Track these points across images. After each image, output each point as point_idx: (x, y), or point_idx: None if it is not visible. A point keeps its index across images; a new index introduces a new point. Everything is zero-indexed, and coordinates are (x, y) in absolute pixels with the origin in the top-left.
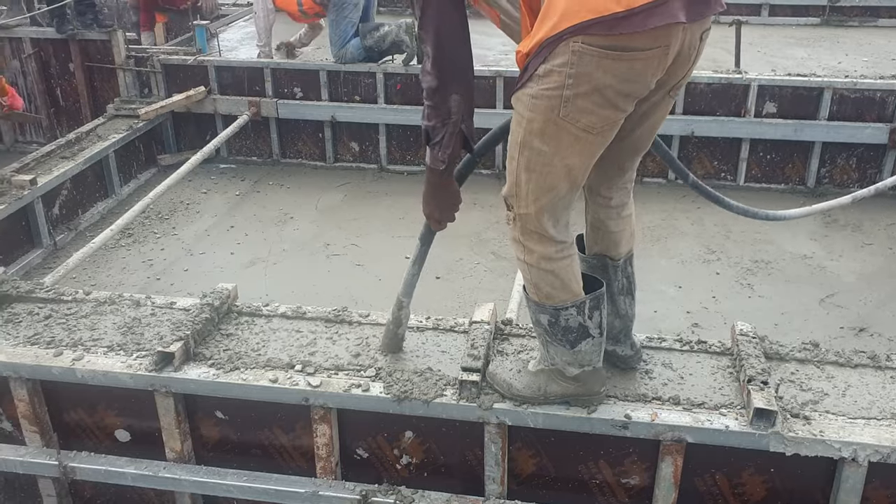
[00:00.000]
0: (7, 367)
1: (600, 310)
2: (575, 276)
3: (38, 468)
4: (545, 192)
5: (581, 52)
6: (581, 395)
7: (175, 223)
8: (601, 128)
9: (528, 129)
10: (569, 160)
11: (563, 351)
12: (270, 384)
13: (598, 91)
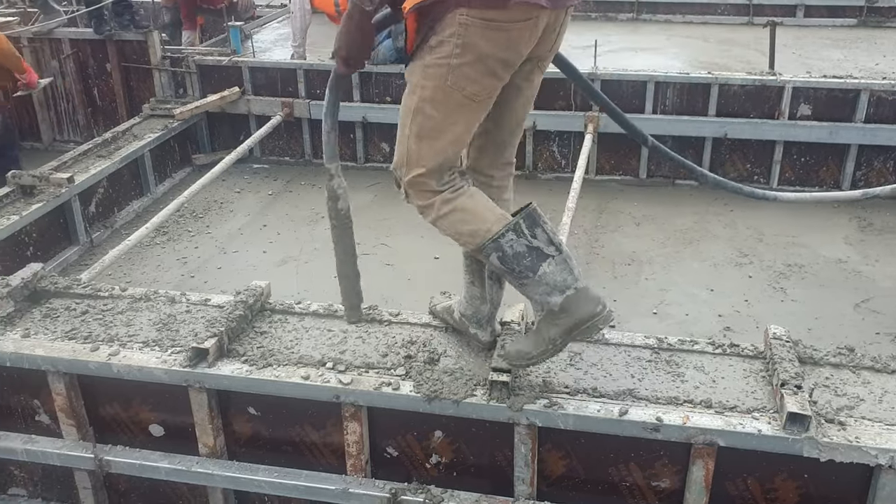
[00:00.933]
0: (45, 361)
1: (541, 226)
2: (484, 204)
3: (75, 461)
4: (435, 154)
5: (467, 23)
6: (580, 324)
7: (209, 222)
8: (483, 95)
9: (421, 97)
10: (456, 127)
11: (532, 283)
12: (302, 381)
13: (480, 60)
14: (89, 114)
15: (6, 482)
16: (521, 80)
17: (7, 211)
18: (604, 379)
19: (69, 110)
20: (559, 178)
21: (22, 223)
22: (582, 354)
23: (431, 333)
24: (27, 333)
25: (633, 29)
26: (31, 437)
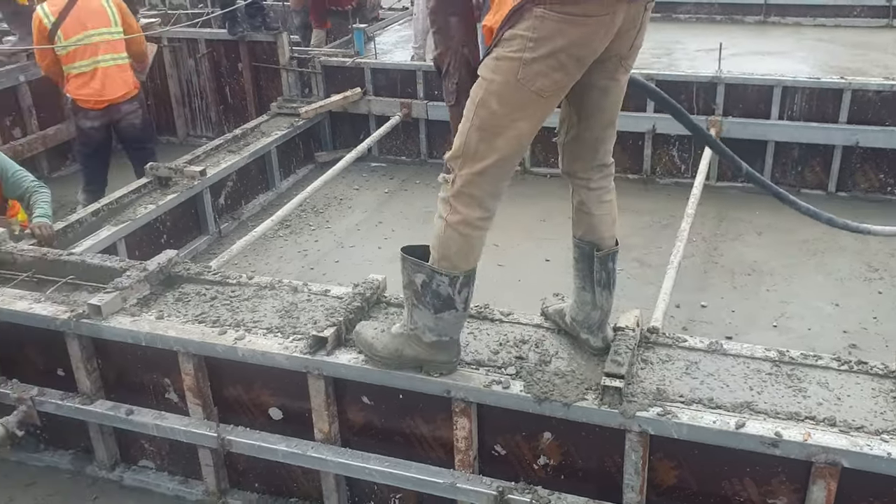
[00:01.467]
0: (177, 342)
1: (469, 287)
2: (477, 251)
3: (199, 438)
4: (493, 152)
5: (543, 16)
6: (433, 362)
7: (329, 217)
8: (551, 91)
9: (488, 90)
10: (519, 123)
11: (426, 315)
12: (414, 374)
13: (553, 55)
14: (221, 111)
15: (137, 454)
16: (607, 79)
17: (145, 200)
18: (721, 390)
19: (203, 107)
20: (678, 184)
21: (158, 212)
22: (699, 364)
23: (543, 334)
24: (161, 315)
25: (761, 32)
26: (161, 413)
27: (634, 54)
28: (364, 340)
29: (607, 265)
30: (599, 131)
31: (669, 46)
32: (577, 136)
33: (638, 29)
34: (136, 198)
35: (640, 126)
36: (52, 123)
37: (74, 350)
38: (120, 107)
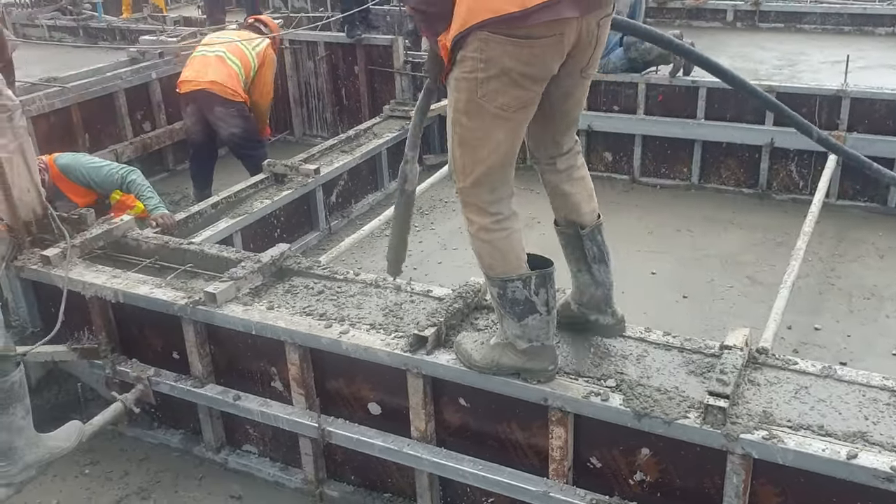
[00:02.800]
0: (285, 333)
1: (547, 288)
2: (514, 249)
3: (301, 427)
4: (478, 164)
5: (487, 39)
6: (530, 370)
7: (433, 218)
8: (515, 106)
9: (456, 108)
10: (494, 135)
11: (512, 324)
12: (512, 379)
13: (505, 74)
14: (336, 112)
15: (242, 439)
16: (569, 86)
17: (261, 195)
18: (832, 417)
19: (319, 108)
20: (795, 200)
21: (273, 207)
22: (809, 388)
23: (646, 349)
24: (271, 306)
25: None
26: (266, 400)
27: (595, 65)
28: (464, 351)
29: (596, 239)
30: (563, 128)
31: (793, 58)
32: (539, 132)
33: (594, 45)
34: (253, 192)
35: (757, 139)
36: (178, 119)
37: (189, 335)
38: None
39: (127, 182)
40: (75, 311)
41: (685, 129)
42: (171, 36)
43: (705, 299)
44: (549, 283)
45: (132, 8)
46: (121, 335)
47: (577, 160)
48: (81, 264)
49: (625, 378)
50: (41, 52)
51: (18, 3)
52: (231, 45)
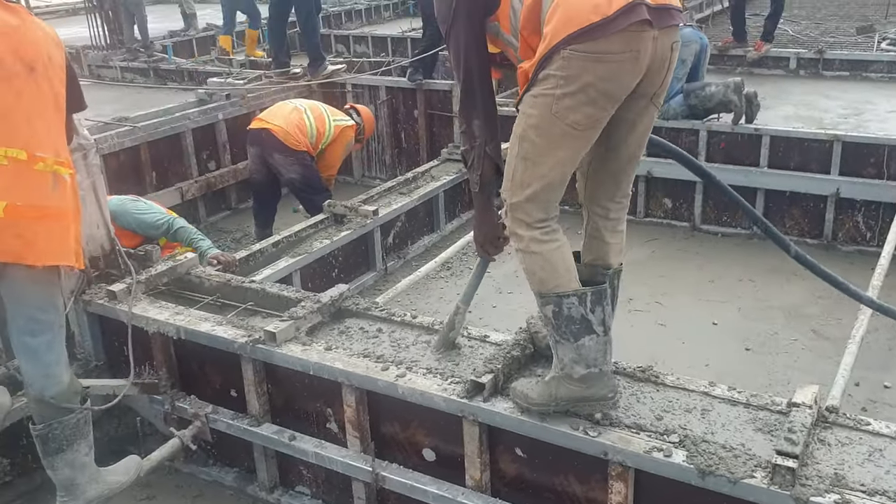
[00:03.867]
0: (342, 374)
1: (602, 306)
2: (565, 262)
3: (355, 471)
4: (537, 179)
5: (570, 57)
6: (588, 399)
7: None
8: (585, 125)
9: (528, 124)
10: (559, 152)
11: (567, 347)
12: (571, 431)
13: (583, 90)
14: (395, 154)
15: (295, 480)
16: (635, 115)
17: (321, 235)
18: None
19: (378, 150)
20: (862, 252)
21: (332, 247)
22: (884, 451)
23: (710, 403)
24: (329, 347)
25: None
26: (321, 442)
27: (665, 93)
28: (520, 393)
29: (614, 282)
30: (624, 163)
31: (859, 106)
32: (600, 167)
33: (667, 69)
34: (313, 232)
35: (822, 189)
36: (242, 159)
37: (248, 373)
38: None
39: (173, 231)
40: (137, 345)
41: (748, 177)
42: (238, 78)
43: (768, 352)
44: (605, 300)
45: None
46: (181, 371)
47: (624, 213)
48: (146, 300)
49: (689, 433)
50: (114, 92)
51: (95, 46)
52: (315, 106)
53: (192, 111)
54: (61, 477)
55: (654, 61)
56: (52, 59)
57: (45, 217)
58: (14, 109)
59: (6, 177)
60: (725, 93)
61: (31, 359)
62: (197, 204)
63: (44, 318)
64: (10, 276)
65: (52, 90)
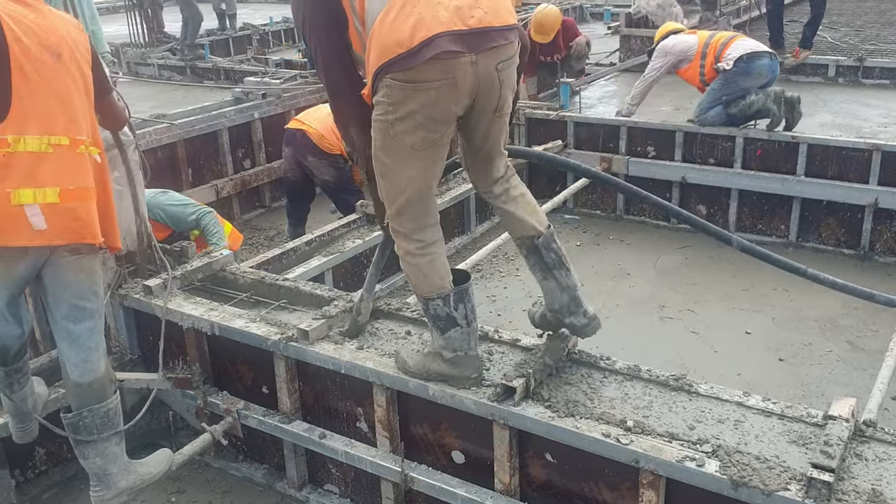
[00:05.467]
0: (373, 374)
1: (465, 303)
2: (437, 272)
3: (384, 471)
4: (397, 195)
5: (391, 85)
6: (455, 377)
7: (519, 265)
8: (424, 145)
9: (376, 146)
10: (408, 171)
11: (437, 336)
12: (603, 437)
13: (410, 116)
14: None
15: (324, 477)
16: (485, 126)
17: (353, 235)
18: None
19: None
20: None
21: (364, 247)
22: None
23: (744, 413)
24: (361, 346)
25: None
26: (351, 441)
27: (507, 105)
28: (400, 358)
29: (551, 247)
30: (490, 160)
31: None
32: (471, 164)
33: (500, 88)
34: (346, 232)
35: (860, 198)
36: (276, 157)
37: (280, 370)
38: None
39: (200, 221)
40: (171, 340)
41: (784, 185)
42: (274, 78)
43: (802, 363)
44: (467, 298)
45: None
46: (213, 367)
47: (511, 182)
48: (181, 295)
49: (722, 443)
50: (151, 89)
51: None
52: None
53: (228, 109)
54: (93, 466)
55: (479, 82)
56: (76, 43)
57: (92, 197)
58: (49, 97)
59: (54, 163)
60: (765, 102)
61: (72, 344)
62: (231, 201)
63: (86, 305)
64: (55, 264)
65: (81, 73)
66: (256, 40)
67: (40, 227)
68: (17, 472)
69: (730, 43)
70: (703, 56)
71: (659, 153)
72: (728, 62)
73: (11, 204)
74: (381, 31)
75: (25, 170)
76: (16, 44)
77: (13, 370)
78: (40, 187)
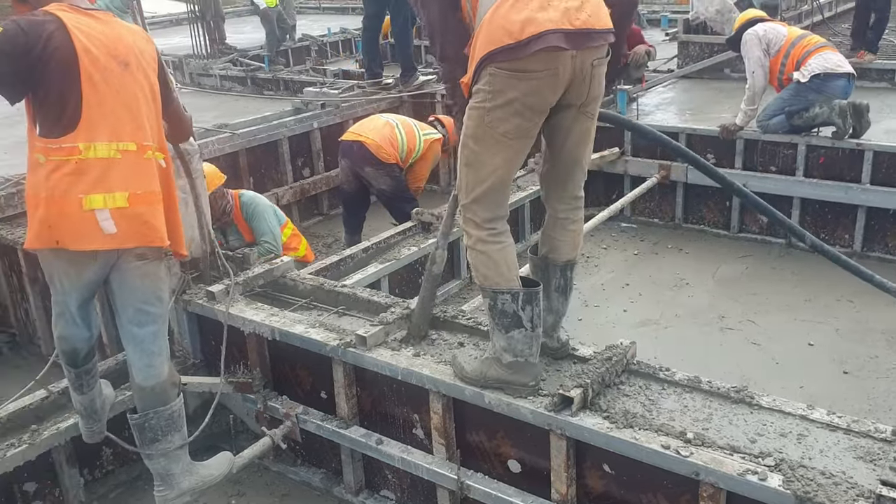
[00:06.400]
0: (429, 381)
1: (533, 306)
2: (507, 262)
3: (440, 478)
4: (478, 183)
5: (495, 73)
6: (513, 384)
7: (574, 274)
8: (515, 134)
9: (466, 133)
10: (495, 159)
11: (499, 336)
12: (662, 449)
13: (509, 104)
14: None
15: (380, 483)
16: (569, 123)
17: (408, 242)
18: None
19: None
20: None
21: (419, 254)
22: None
23: (807, 427)
24: (417, 353)
25: None
26: (407, 447)
27: (592, 103)
28: (458, 363)
29: (566, 273)
30: (567, 167)
31: None
32: (549, 170)
33: (589, 82)
34: (401, 239)
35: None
36: (335, 166)
37: (339, 376)
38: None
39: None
40: (233, 345)
41: (848, 193)
42: (332, 88)
43: (868, 376)
44: (536, 301)
45: None
46: (273, 372)
47: (577, 214)
48: (242, 301)
49: (785, 458)
50: (213, 99)
51: (196, 55)
52: (406, 122)
53: (288, 119)
54: (157, 467)
55: (574, 76)
56: (143, 52)
57: (159, 201)
58: (117, 105)
59: (122, 169)
60: (830, 115)
61: (137, 348)
62: (291, 209)
63: (151, 309)
64: (122, 269)
65: (148, 81)
66: (315, 51)
67: (111, 231)
68: (86, 472)
69: (815, 52)
70: (787, 55)
71: (719, 160)
72: (804, 75)
73: (83, 209)
74: (491, 23)
75: (96, 176)
76: (85, 55)
77: (83, 371)
78: (110, 192)
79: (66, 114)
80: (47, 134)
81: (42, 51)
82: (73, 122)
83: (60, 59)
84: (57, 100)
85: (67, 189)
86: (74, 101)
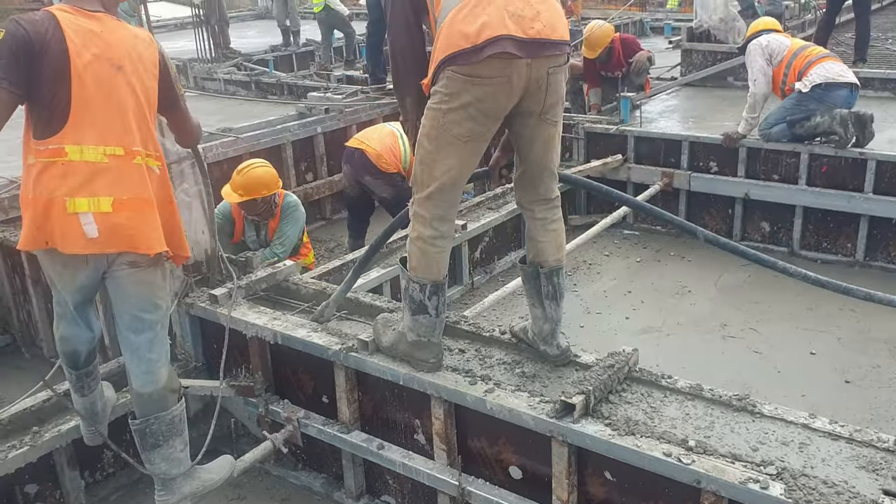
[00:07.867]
0: (431, 386)
1: (438, 297)
2: (438, 264)
3: (441, 484)
4: (431, 181)
5: (452, 77)
6: (417, 359)
7: (577, 280)
8: (468, 137)
9: (422, 133)
10: (448, 160)
11: (408, 316)
12: (664, 457)
13: (464, 107)
14: None
15: (381, 488)
16: (531, 130)
17: None
18: None
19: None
20: None
21: None
22: None
23: (809, 436)
24: None
25: None
26: (408, 452)
27: (552, 109)
28: (377, 330)
29: (553, 280)
30: (536, 172)
31: None
32: (520, 175)
33: (546, 89)
34: (403, 244)
35: None
36: (338, 171)
37: (340, 380)
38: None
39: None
40: (234, 349)
41: (851, 202)
42: (336, 93)
43: (870, 386)
44: (440, 294)
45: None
46: (275, 375)
47: (554, 213)
48: (245, 304)
49: (787, 466)
50: (217, 103)
51: (200, 59)
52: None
53: (292, 124)
54: (158, 471)
55: (529, 84)
56: (141, 56)
57: (148, 207)
58: (106, 109)
59: (109, 174)
60: (831, 125)
61: (133, 355)
62: None
63: (147, 317)
64: (115, 276)
65: (142, 85)
66: (319, 56)
67: (92, 236)
68: (87, 474)
69: (816, 63)
70: (789, 66)
71: (721, 168)
72: (806, 85)
73: (67, 212)
74: (450, 27)
75: (81, 179)
76: (77, 56)
77: (84, 373)
78: (94, 196)
79: (56, 115)
80: (38, 135)
81: (39, 50)
82: (60, 123)
83: (52, 59)
84: (48, 100)
85: (53, 191)
86: (63, 102)
